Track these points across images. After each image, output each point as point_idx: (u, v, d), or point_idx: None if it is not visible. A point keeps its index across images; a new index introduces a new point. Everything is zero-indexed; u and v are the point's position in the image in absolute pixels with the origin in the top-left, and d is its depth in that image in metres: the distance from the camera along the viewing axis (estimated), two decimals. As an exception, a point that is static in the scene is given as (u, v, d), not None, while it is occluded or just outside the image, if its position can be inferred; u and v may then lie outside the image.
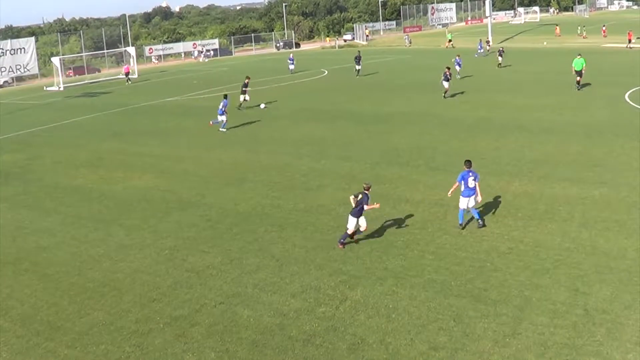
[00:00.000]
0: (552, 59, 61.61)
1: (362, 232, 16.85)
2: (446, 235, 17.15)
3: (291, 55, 64.60)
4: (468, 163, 17.44)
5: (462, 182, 17.24)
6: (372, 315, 13.08)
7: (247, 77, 40.03)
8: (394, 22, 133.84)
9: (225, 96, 34.16)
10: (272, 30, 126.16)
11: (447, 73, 40.41)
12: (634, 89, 39.03)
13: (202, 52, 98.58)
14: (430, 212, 19.03)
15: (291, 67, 61.37)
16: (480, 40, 73.35)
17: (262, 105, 39.72)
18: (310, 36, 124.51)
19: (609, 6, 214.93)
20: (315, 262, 15.94)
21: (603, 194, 19.82)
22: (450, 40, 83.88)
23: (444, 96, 39.85)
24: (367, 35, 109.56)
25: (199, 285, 14.98)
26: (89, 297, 14.76)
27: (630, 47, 67.85)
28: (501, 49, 58.85)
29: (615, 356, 11.18)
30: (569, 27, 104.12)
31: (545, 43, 78.88)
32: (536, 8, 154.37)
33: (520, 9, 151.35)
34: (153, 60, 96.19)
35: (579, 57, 40.82)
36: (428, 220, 18.34)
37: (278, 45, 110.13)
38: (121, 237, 18.68)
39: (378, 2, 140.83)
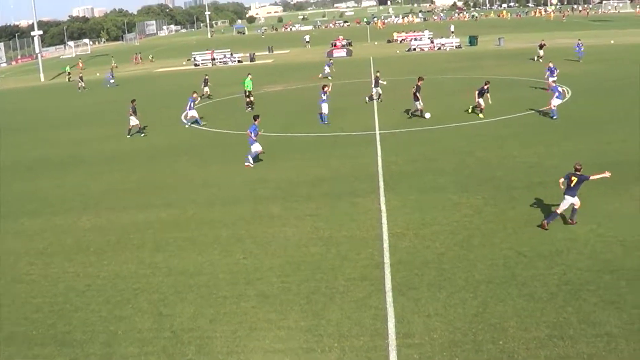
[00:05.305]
0: (110, 90, 62.08)
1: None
2: (19, 284, 16.05)
3: None
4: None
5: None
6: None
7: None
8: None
9: None
10: None
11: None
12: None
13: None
14: (-3, 263, 17.62)
15: None
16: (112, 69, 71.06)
17: None
18: None
19: (159, 32, 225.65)
20: None
21: (171, 215, 20.62)
22: (69, 73, 79.43)
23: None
24: None
25: None
26: None
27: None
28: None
29: (209, 371, 11.69)
30: (122, 55, 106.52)
31: (98, 74, 79.13)
32: (86, 40, 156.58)
33: (71, 43, 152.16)
34: None
35: (249, 77, 41.40)
36: (-4, 273, 16.94)
37: None
38: None
39: None
